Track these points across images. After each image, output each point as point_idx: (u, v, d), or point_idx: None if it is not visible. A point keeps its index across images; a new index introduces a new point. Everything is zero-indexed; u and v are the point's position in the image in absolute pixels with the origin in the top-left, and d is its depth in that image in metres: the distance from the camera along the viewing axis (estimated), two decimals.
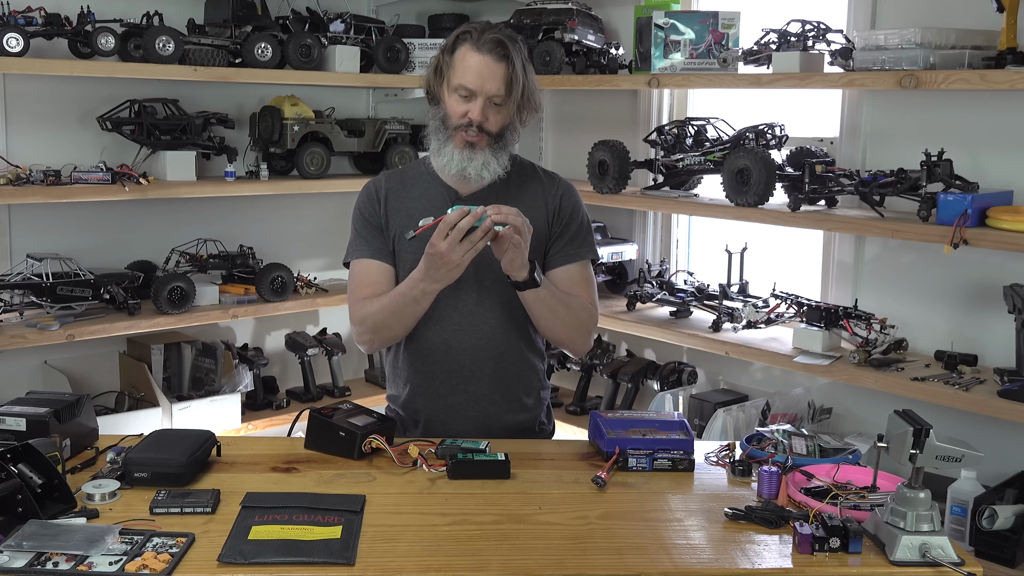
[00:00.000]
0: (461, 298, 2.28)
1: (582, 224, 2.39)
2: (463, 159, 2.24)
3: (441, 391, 2.33)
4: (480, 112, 2.20)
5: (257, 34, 3.59)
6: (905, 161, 2.94)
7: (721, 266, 3.52)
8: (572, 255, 2.36)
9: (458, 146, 2.24)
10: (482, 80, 2.19)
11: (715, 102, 3.78)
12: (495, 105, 2.22)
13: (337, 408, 2.20)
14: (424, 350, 2.33)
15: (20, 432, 1.98)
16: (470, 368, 2.31)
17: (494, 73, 2.19)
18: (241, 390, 3.65)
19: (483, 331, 2.30)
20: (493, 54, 2.19)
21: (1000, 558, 2.52)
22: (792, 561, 1.69)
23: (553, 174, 2.45)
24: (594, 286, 2.41)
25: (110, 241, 3.65)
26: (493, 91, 2.20)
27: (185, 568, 1.60)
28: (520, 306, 2.30)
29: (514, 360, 2.35)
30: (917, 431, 1.72)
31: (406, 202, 2.34)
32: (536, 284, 2.19)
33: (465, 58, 2.20)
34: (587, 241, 2.40)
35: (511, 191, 2.32)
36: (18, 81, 3.41)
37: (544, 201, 2.36)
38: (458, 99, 2.22)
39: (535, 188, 2.37)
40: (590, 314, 2.36)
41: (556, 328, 2.30)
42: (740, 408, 3.26)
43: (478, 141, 2.23)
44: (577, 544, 1.74)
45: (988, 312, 2.94)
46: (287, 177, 3.90)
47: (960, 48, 2.72)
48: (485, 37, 2.20)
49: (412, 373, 2.36)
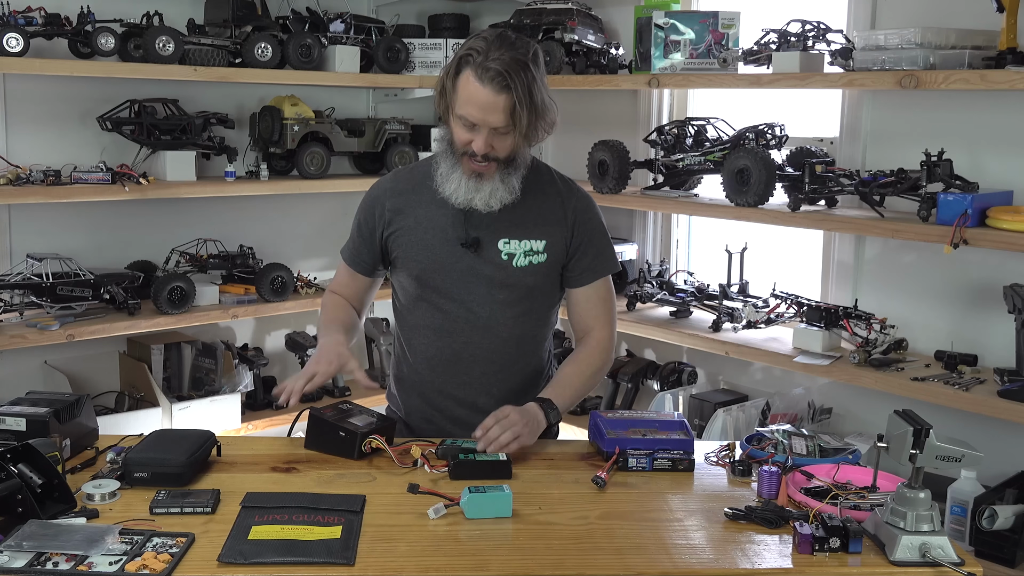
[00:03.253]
0: (473, 311, 2.25)
1: (603, 238, 2.33)
2: (469, 190, 2.16)
3: (448, 404, 2.31)
4: (484, 144, 2.11)
5: (257, 34, 3.59)
6: (905, 161, 2.94)
7: (721, 266, 3.52)
8: (594, 273, 2.31)
9: (466, 174, 2.15)
10: (484, 114, 2.07)
11: (715, 102, 3.78)
12: (501, 135, 2.11)
13: (337, 408, 2.19)
14: (433, 361, 2.30)
15: (20, 432, 1.98)
16: (479, 381, 2.29)
17: (496, 106, 2.06)
18: (241, 390, 3.65)
19: (494, 344, 2.27)
20: (494, 85, 2.05)
21: (1000, 558, 2.52)
22: (792, 561, 1.69)
23: (570, 182, 2.36)
24: (614, 302, 2.37)
25: (110, 241, 3.65)
26: (495, 124, 2.09)
27: (185, 568, 1.60)
28: (531, 320, 2.29)
29: (523, 373, 2.33)
30: (917, 431, 1.72)
31: (414, 207, 2.27)
32: (560, 418, 2.23)
33: (467, 87, 2.08)
34: (608, 255, 2.34)
35: (531, 205, 2.25)
36: (18, 81, 3.41)
37: (563, 215, 2.28)
38: (462, 127, 2.12)
39: (552, 201, 2.29)
40: (605, 357, 2.35)
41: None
42: (740, 408, 3.26)
43: (486, 170, 2.15)
44: (577, 544, 1.74)
45: (988, 312, 2.94)
46: (287, 177, 3.90)
47: (960, 48, 2.72)
48: (488, 64, 2.05)
49: (419, 383, 2.33)
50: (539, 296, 2.29)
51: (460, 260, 2.23)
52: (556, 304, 2.37)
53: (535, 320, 2.31)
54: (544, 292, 2.30)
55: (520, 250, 2.24)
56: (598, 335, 2.34)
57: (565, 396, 2.25)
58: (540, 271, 2.26)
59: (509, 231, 2.24)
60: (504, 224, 2.23)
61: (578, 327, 2.37)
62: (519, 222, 2.24)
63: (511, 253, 2.24)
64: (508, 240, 2.24)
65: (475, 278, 2.23)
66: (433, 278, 2.25)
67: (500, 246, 2.23)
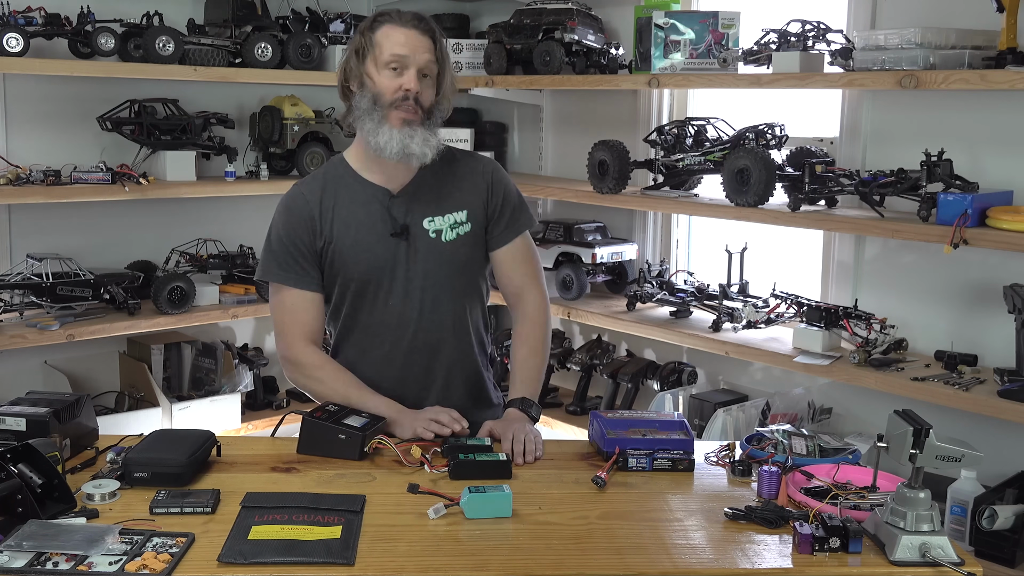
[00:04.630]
0: (417, 297, 2.27)
1: (517, 196, 2.40)
2: (404, 136, 2.18)
3: (411, 391, 2.31)
4: (415, 81, 2.18)
5: (257, 34, 3.59)
6: (905, 161, 2.94)
7: (721, 266, 3.52)
8: (514, 230, 2.37)
9: (395, 124, 2.18)
10: (413, 49, 2.18)
11: (715, 102, 3.78)
12: (424, 77, 2.20)
13: (325, 410, 2.17)
14: (390, 356, 2.31)
15: (20, 432, 1.98)
16: (437, 363, 2.32)
17: (423, 44, 2.19)
18: (241, 390, 3.66)
19: (444, 325, 2.30)
20: (418, 28, 2.20)
21: (1000, 558, 2.52)
22: (792, 561, 1.69)
23: (473, 152, 2.45)
24: (536, 257, 2.43)
25: (110, 241, 3.66)
26: (424, 61, 2.19)
27: (185, 568, 1.60)
28: (469, 292, 2.34)
29: (470, 345, 2.37)
30: (917, 431, 1.71)
31: (339, 211, 2.27)
32: (540, 411, 2.33)
33: (390, 34, 2.19)
34: (525, 211, 2.41)
35: (444, 179, 2.30)
36: (18, 81, 3.41)
37: (477, 180, 2.34)
38: (389, 74, 2.19)
39: (462, 169, 2.34)
40: (545, 319, 2.41)
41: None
42: (740, 408, 3.26)
43: (415, 117, 2.19)
44: (577, 544, 1.74)
45: (988, 312, 2.94)
46: (287, 177, 3.90)
47: (960, 48, 2.72)
48: (406, 15, 2.21)
49: (378, 380, 2.31)
50: (472, 267, 2.35)
51: (395, 251, 2.26)
52: (485, 275, 2.42)
53: (474, 291, 2.37)
54: (476, 262, 2.36)
55: (445, 224, 2.29)
56: (531, 297, 2.39)
57: (532, 384, 2.35)
58: (468, 241, 2.32)
59: (430, 209, 2.29)
60: (424, 204, 2.28)
61: (509, 291, 2.42)
62: (437, 198, 2.30)
63: (438, 229, 2.28)
64: (432, 218, 2.28)
65: (412, 265, 2.27)
66: (375, 276, 2.27)
67: (426, 225, 2.27)
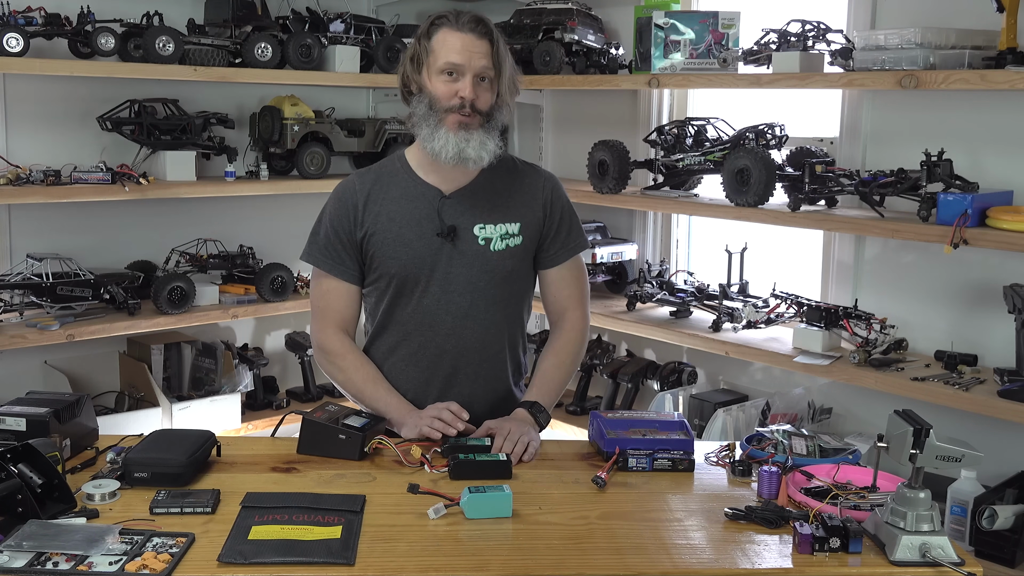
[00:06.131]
0: (454, 301, 2.25)
1: (573, 216, 2.37)
2: (460, 140, 2.16)
3: (432, 395, 2.29)
4: (471, 86, 2.15)
5: (257, 34, 3.59)
6: (905, 161, 2.94)
7: (721, 266, 3.52)
8: (568, 251, 2.35)
9: (451, 129, 2.16)
10: (469, 56, 2.14)
11: (715, 102, 3.78)
12: (482, 82, 2.17)
13: (324, 410, 2.17)
14: (417, 356, 2.29)
15: (20, 432, 1.98)
16: (463, 372, 2.29)
17: (480, 49, 2.15)
18: (241, 390, 3.65)
19: (476, 333, 2.27)
20: (475, 32, 2.15)
21: (1000, 558, 2.52)
22: (792, 561, 1.69)
23: (534, 164, 2.41)
24: (586, 280, 2.41)
25: (110, 241, 3.65)
26: (481, 67, 2.16)
27: (185, 568, 1.60)
28: (511, 306, 2.30)
29: (503, 361, 2.34)
30: (917, 431, 1.72)
31: (386, 204, 2.26)
32: (549, 419, 2.29)
33: (447, 40, 2.16)
34: (579, 232, 2.38)
35: (501, 188, 2.27)
36: (18, 81, 3.41)
37: (535, 194, 2.31)
38: (445, 80, 2.16)
39: (522, 182, 2.31)
40: (582, 339, 2.40)
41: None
42: (740, 408, 3.26)
43: (471, 121, 2.16)
44: (577, 544, 1.74)
45: (988, 312, 2.94)
46: (287, 177, 3.90)
47: (960, 48, 2.72)
48: (463, 18, 2.16)
49: (401, 379, 2.31)
50: (516, 281, 2.31)
51: (438, 251, 2.23)
52: (531, 290, 2.39)
53: (515, 306, 2.33)
54: (520, 276, 2.33)
55: (496, 234, 2.26)
56: (572, 317, 2.38)
57: (550, 394, 2.32)
58: (517, 254, 2.28)
59: (483, 216, 2.25)
60: (477, 210, 2.25)
61: (553, 309, 2.40)
62: (492, 206, 2.26)
63: (488, 238, 2.25)
64: (483, 225, 2.25)
65: (454, 268, 2.24)
66: (413, 273, 2.24)
67: (476, 231, 2.25)
